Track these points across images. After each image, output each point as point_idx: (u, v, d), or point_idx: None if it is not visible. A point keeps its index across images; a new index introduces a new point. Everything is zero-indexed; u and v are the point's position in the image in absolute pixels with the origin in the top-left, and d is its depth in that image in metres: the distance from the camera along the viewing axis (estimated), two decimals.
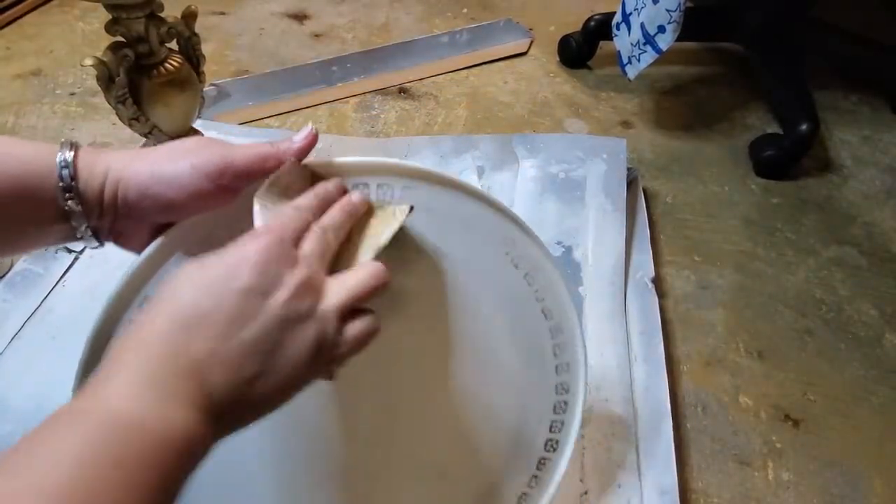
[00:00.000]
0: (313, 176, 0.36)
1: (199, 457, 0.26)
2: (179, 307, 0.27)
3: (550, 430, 0.45)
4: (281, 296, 0.28)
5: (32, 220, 0.32)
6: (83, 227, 0.33)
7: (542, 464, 0.45)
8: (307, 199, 0.33)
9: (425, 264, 0.39)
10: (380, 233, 0.34)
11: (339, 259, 0.33)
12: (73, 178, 0.32)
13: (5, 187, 0.31)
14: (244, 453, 0.40)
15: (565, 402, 0.45)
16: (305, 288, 0.29)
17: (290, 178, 0.34)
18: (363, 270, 0.31)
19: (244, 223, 0.33)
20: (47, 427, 0.23)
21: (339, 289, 0.30)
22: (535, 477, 0.46)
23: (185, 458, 0.25)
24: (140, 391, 0.24)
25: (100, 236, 0.35)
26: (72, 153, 0.32)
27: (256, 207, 0.32)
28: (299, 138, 0.35)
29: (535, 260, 0.42)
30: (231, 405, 0.27)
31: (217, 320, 0.26)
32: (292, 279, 0.28)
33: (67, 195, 0.32)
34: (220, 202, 0.34)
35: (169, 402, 0.25)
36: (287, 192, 0.34)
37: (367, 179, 0.37)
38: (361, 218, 0.35)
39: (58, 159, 0.31)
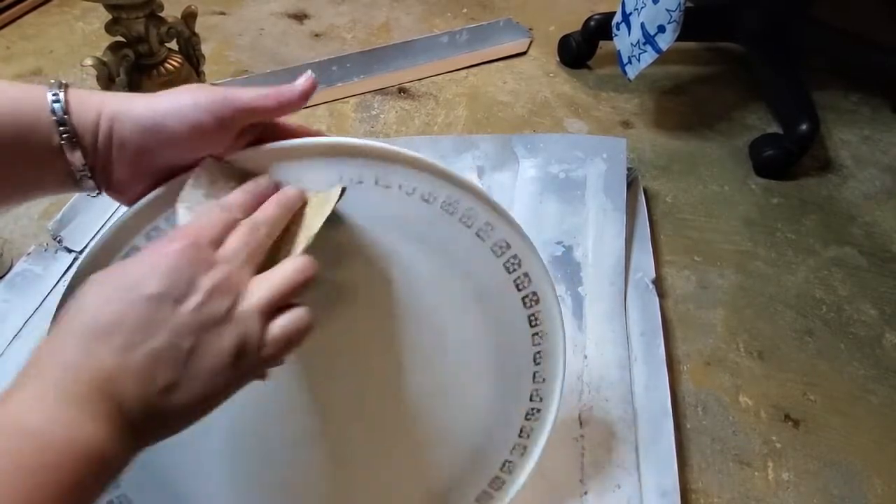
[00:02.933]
0: (241, 172, 0.34)
1: (114, 468, 0.25)
2: (85, 318, 0.26)
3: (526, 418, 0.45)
4: (193, 301, 0.27)
5: (29, 161, 0.32)
6: (80, 165, 0.32)
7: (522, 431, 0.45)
8: (236, 196, 0.33)
9: (372, 253, 0.37)
10: (312, 223, 0.33)
11: (278, 254, 0.32)
12: (66, 111, 0.31)
13: None
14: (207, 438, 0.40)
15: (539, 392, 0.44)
16: (222, 290, 0.28)
17: (212, 176, 0.33)
18: (287, 265, 0.31)
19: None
20: None
21: (261, 287, 0.29)
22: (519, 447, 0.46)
23: (93, 470, 0.24)
24: (47, 404, 0.24)
25: (96, 180, 0.34)
26: (62, 90, 0.32)
27: (179, 210, 0.32)
28: (300, 82, 0.35)
29: (523, 258, 0.39)
30: (145, 417, 0.26)
31: (124, 330, 0.26)
32: (207, 282, 0.28)
33: (61, 129, 0.31)
34: (221, 141, 0.33)
35: (76, 415, 0.24)
36: (213, 191, 0.33)
37: (308, 164, 0.35)
38: (298, 210, 0.34)
39: (48, 95, 0.31)
